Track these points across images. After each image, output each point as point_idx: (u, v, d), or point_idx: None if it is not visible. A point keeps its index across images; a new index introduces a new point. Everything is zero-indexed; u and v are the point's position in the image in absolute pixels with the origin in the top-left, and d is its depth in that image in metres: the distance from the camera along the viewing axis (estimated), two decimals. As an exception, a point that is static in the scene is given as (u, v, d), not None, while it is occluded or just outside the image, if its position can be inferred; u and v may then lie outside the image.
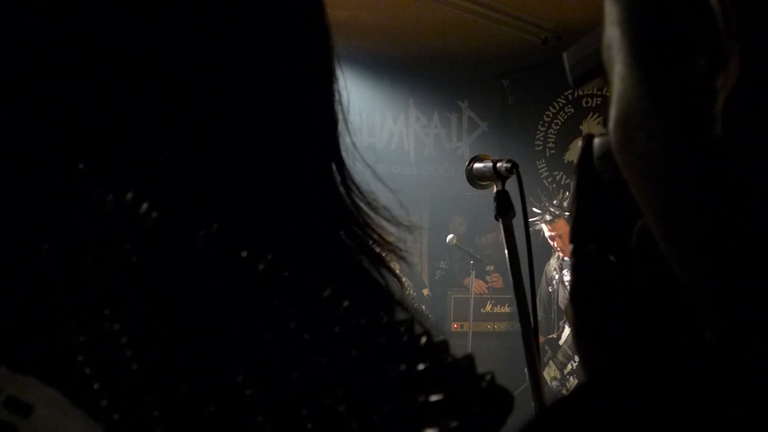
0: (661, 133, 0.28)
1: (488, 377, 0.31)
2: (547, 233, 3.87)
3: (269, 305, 0.33)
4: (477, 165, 1.51)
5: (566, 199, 3.89)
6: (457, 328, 4.83)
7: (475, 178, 1.52)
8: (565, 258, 3.80)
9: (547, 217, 3.84)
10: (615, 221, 0.36)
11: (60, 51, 0.40)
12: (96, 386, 0.32)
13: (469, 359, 0.32)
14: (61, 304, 0.33)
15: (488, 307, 4.90)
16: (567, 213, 3.66)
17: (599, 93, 5.05)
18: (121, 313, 0.33)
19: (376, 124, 5.42)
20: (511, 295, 1.42)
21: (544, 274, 4.01)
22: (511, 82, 5.50)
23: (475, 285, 4.80)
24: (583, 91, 5.14)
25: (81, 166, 0.36)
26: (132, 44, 0.40)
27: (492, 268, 4.90)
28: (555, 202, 3.93)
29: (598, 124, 5.11)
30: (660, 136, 0.28)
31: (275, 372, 0.32)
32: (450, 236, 4.60)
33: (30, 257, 0.34)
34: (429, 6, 4.13)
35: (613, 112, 0.31)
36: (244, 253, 0.33)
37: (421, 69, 5.34)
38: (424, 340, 0.30)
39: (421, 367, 0.29)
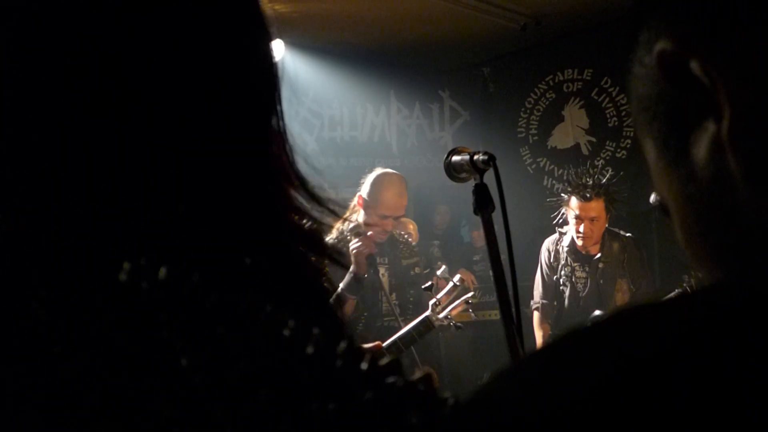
0: (675, 196, 0.38)
1: (451, 401, 0.30)
2: (576, 212, 3.28)
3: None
4: (455, 158, 1.50)
5: (601, 180, 3.42)
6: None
7: (453, 172, 1.51)
8: (580, 244, 3.29)
9: (587, 195, 3.22)
10: None
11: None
12: None
13: (427, 378, 0.31)
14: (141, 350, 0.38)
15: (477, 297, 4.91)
16: (606, 194, 3.25)
17: (579, 78, 5.05)
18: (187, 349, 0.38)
19: (358, 117, 5.40)
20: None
21: (549, 253, 3.49)
22: (492, 69, 5.48)
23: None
24: (563, 76, 5.13)
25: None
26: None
27: (478, 257, 4.91)
28: (591, 181, 3.42)
29: (579, 108, 5.10)
30: (675, 199, 0.38)
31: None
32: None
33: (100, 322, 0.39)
34: (406, -4, 4.11)
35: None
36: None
37: (401, 60, 5.32)
38: (365, 366, 0.28)
39: (368, 395, 0.28)
